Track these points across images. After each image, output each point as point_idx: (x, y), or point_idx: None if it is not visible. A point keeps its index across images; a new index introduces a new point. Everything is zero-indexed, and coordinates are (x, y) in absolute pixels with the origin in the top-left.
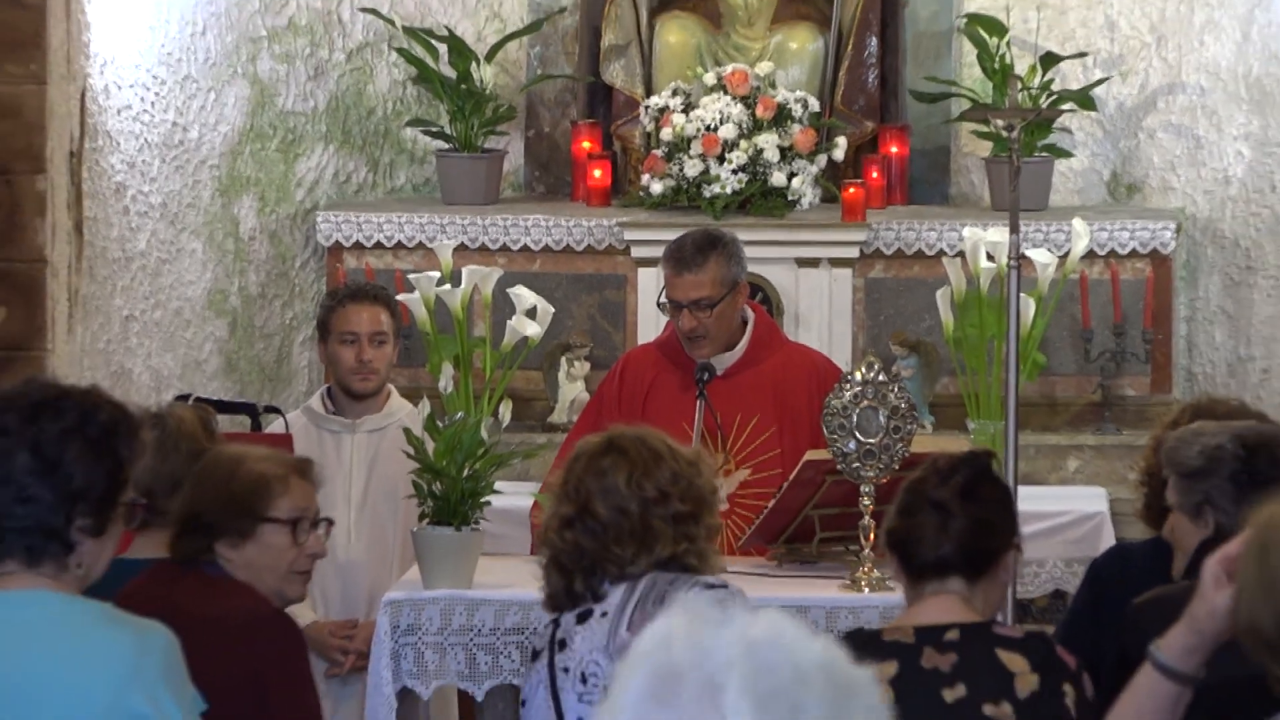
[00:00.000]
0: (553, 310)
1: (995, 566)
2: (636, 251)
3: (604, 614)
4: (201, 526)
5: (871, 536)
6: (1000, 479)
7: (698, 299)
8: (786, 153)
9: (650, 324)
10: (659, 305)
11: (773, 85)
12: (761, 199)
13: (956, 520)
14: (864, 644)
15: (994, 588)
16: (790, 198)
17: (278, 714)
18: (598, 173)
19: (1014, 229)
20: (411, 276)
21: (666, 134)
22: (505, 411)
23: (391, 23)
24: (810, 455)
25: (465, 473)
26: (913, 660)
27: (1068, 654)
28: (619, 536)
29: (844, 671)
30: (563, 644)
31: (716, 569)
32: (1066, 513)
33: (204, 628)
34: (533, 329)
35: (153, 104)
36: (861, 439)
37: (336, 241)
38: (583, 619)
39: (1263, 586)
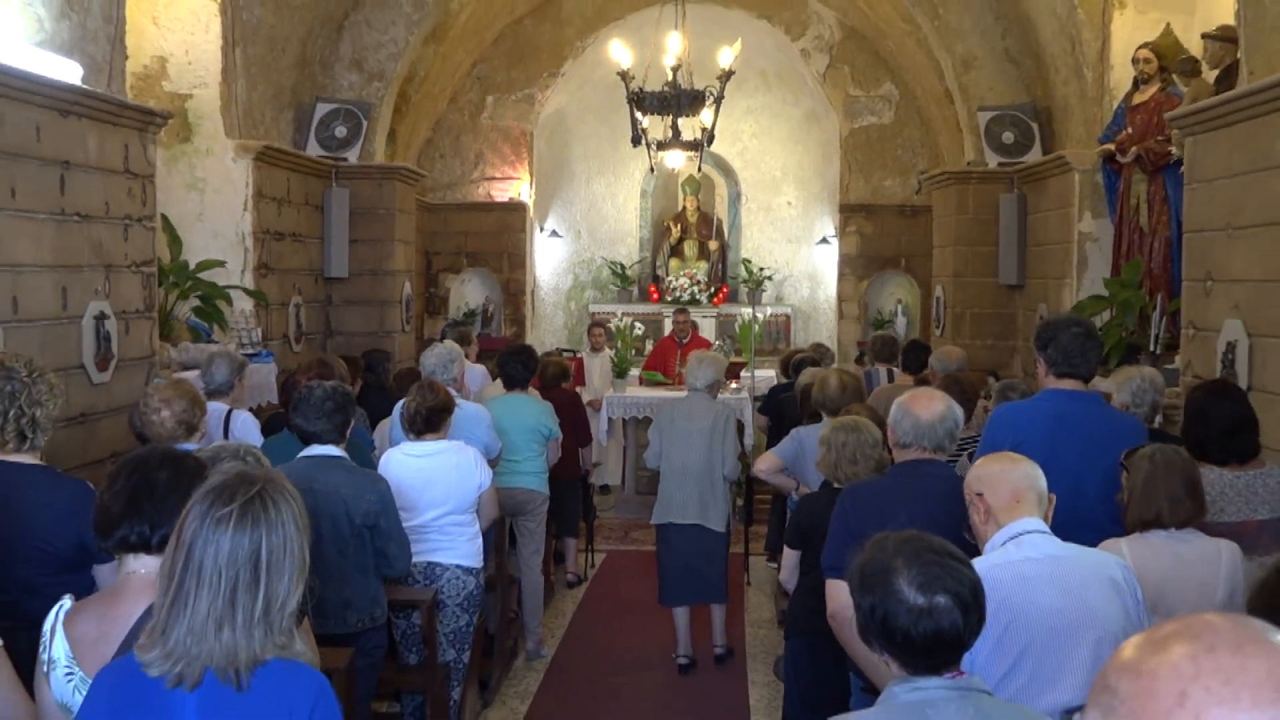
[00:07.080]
0: (644, 327)
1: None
2: (665, 314)
3: None
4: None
5: None
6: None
7: (683, 320)
8: (700, 291)
9: (665, 331)
10: (672, 322)
11: (698, 271)
12: (693, 302)
13: None
14: None
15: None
16: (701, 301)
17: (582, 423)
18: (655, 295)
19: (753, 310)
20: (611, 320)
21: (673, 287)
22: (633, 350)
23: (605, 259)
24: None
25: (625, 365)
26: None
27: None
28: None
29: None
30: None
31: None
32: (769, 379)
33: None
34: (639, 333)
35: (547, 278)
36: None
37: (594, 312)
38: None
39: (823, 389)
